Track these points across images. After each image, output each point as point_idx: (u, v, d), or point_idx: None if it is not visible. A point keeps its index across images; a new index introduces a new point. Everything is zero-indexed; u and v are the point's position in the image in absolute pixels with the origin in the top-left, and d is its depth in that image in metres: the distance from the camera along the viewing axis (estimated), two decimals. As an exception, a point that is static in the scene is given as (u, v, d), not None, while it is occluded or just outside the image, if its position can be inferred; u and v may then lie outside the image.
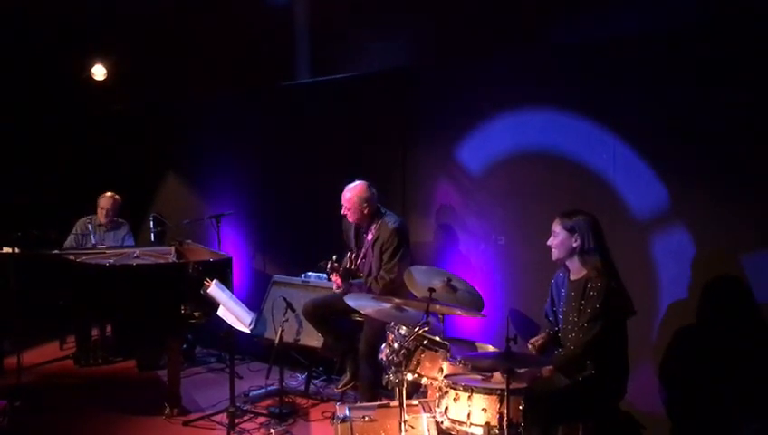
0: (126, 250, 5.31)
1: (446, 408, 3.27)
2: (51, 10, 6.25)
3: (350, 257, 4.70)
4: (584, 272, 3.30)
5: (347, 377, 4.69)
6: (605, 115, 4.06)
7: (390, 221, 4.49)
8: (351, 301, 3.82)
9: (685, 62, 3.76)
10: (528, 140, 4.43)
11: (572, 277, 3.37)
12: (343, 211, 4.57)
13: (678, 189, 3.80)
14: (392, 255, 4.42)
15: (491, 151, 4.62)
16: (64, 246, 5.76)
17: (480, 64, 4.71)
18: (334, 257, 4.51)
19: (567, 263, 3.38)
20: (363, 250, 4.65)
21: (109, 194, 6.00)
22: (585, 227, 3.28)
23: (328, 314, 4.68)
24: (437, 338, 3.51)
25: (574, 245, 3.29)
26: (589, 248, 3.26)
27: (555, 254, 3.37)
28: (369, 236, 4.58)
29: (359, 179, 4.56)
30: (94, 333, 6.04)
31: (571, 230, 3.29)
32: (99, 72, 6.69)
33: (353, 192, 4.51)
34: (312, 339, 4.92)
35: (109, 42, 6.64)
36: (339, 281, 4.59)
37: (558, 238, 3.34)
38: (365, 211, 4.52)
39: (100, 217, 5.95)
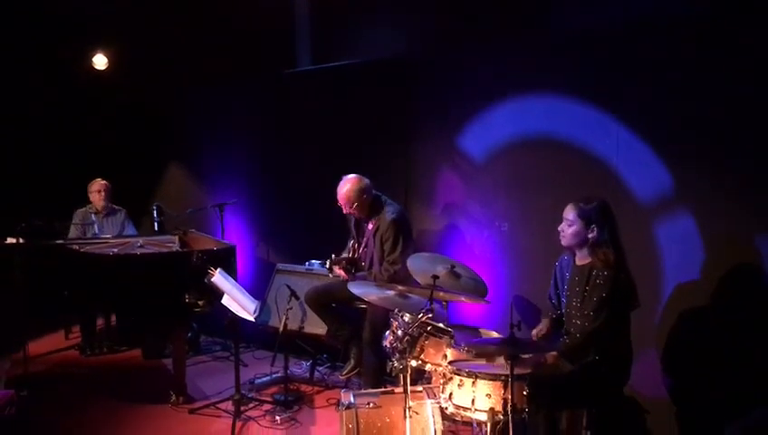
0: (130, 239, 5.31)
1: (451, 394, 3.29)
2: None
3: (353, 247, 4.71)
4: (590, 259, 3.26)
5: (351, 364, 4.70)
6: (608, 101, 4.03)
7: (389, 212, 4.48)
8: (355, 288, 3.82)
9: (686, 47, 3.73)
10: (531, 127, 4.41)
11: (578, 262, 3.34)
12: (346, 210, 4.55)
13: (682, 175, 3.78)
14: (393, 246, 4.42)
15: (493, 138, 4.61)
16: (68, 237, 5.75)
17: (481, 51, 4.68)
18: (333, 256, 4.61)
19: (575, 249, 3.33)
20: (364, 239, 4.65)
21: (99, 180, 5.95)
22: (601, 216, 3.21)
23: (331, 301, 4.70)
24: (441, 325, 3.52)
25: (589, 236, 3.23)
26: (603, 240, 3.21)
27: (566, 241, 3.31)
28: (370, 226, 4.58)
29: (360, 169, 4.56)
30: (99, 322, 6.07)
31: (587, 221, 3.22)
32: (100, 61, 6.67)
33: (348, 186, 4.48)
34: (317, 326, 4.93)
35: (110, 31, 6.61)
36: (343, 274, 4.59)
37: (572, 227, 3.26)
38: (366, 201, 4.51)
39: (97, 202, 5.89)
